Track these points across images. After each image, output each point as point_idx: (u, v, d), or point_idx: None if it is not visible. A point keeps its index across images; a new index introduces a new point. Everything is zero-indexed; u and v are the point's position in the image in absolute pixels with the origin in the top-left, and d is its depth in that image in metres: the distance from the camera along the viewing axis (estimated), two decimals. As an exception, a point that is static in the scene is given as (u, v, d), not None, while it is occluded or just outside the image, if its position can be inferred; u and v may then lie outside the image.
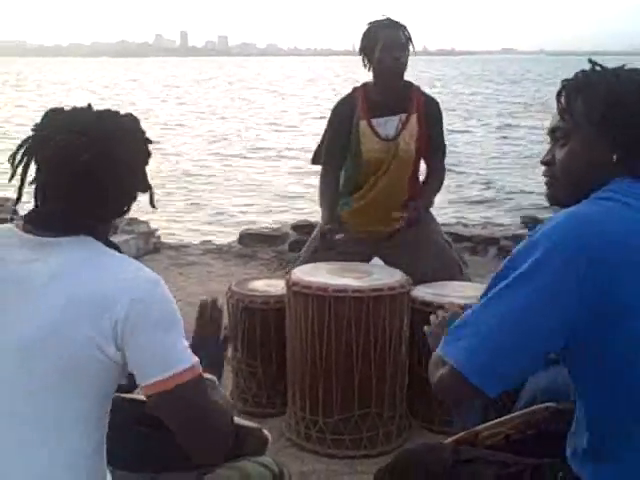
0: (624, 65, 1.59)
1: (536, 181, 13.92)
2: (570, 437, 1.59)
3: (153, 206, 1.62)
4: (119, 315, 1.40)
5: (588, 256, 1.38)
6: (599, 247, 1.38)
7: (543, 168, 1.64)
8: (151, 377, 1.42)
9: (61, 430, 1.43)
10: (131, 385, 1.54)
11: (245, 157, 18.52)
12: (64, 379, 1.41)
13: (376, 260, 3.73)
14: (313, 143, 4.03)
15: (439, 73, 59.09)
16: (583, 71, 1.58)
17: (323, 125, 3.85)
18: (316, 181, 3.89)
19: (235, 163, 17.35)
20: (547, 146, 1.65)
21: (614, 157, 1.50)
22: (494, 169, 16.32)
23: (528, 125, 24.33)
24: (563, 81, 1.60)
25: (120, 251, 1.55)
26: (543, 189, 1.65)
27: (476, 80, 58.39)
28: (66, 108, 1.56)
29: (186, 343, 1.48)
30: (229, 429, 1.57)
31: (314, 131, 19.87)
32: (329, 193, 3.79)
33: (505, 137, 22.26)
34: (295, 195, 12.90)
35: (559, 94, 1.59)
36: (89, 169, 1.46)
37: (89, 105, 1.57)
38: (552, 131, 1.61)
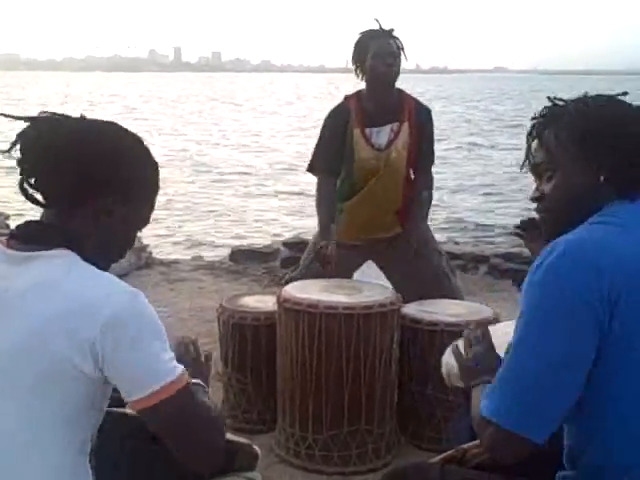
0: (585, 93, 1.62)
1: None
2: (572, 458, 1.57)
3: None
4: (97, 331, 1.38)
5: (601, 281, 1.38)
6: (611, 271, 1.39)
7: (534, 205, 1.65)
8: (137, 393, 1.41)
9: (39, 445, 1.42)
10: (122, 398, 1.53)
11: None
12: (39, 395, 1.41)
13: (369, 264, 3.77)
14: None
15: (422, 90, 59.28)
16: (546, 107, 1.61)
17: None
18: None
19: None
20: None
21: (601, 178, 1.51)
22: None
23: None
24: (532, 119, 1.62)
25: (99, 265, 1.53)
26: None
27: (456, 99, 58.48)
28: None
29: (171, 354, 1.46)
30: (222, 432, 1.56)
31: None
32: (326, 206, 3.78)
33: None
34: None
35: (530, 132, 1.61)
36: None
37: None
38: (534, 167, 1.62)
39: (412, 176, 3.82)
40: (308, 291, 3.18)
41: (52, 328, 1.39)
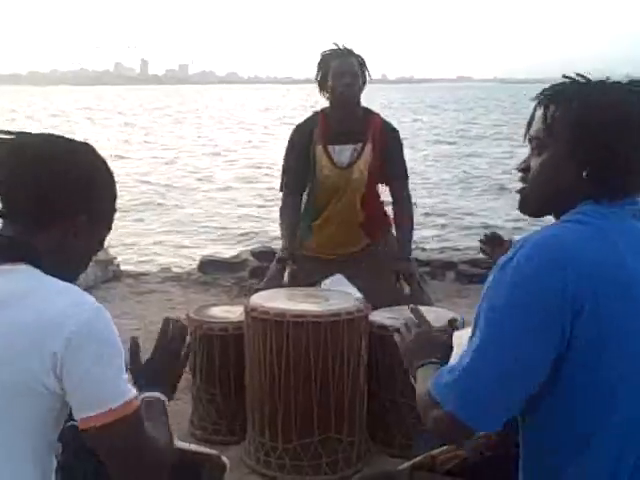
0: (608, 77, 1.54)
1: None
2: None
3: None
4: (59, 346, 1.37)
5: (566, 286, 1.36)
6: (578, 276, 1.36)
7: (519, 174, 1.61)
8: (85, 411, 1.39)
9: (9, 460, 1.40)
10: None
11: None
12: (6, 409, 1.39)
13: (338, 276, 3.79)
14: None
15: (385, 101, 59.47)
16: (564, 82, 1.54)
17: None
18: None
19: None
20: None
21: (584, 174, 1.46)
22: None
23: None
24: (543, 90, 1.56)
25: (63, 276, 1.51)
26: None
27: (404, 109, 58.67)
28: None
29: (125, 376, 1.44)
30: (163, 466, 1.52)
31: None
32: (287, 221, 3.82)
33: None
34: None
35: (538, 101, 1.55)
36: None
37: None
38: (530, 139, 1.57)
39: (376, 194, 3.86)
40: (275, 300, 3.18)
41: (18, 343, 1.37)
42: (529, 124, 1.58)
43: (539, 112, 1.55)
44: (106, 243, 1.69)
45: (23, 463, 1.42)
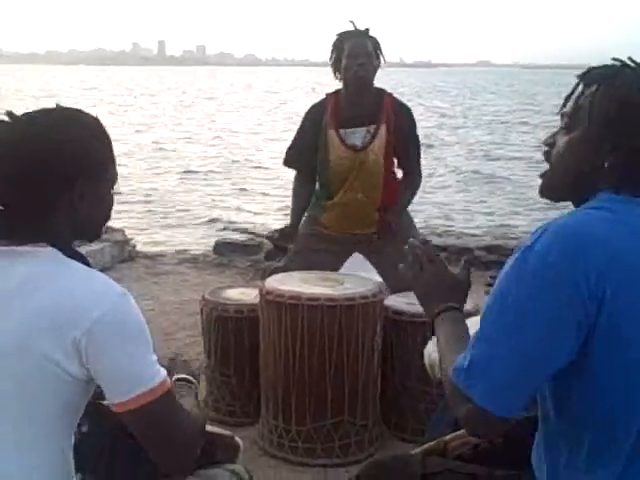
0: None
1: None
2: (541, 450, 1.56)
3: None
4: (83, 331, 1.37)
5: (588, 274, 1.34)
6: (600, 264, 1.34)
7: (544, 148, 1.57)
8: (120, 396, 1.41)
9: (21, 444, 1.42)
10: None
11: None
12: (25, 394, 1.40)
13: (356, 256, 3.78)
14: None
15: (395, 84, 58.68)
16: (614, 64, 1.50)
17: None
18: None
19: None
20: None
21: (606, 164, 1.44)
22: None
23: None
24: (589, 68, 1.53)
25: (87, 261, 1.51)
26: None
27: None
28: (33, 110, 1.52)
29: (154, 357, 1.45)
30: (198, 441, 1.57)
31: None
32: (298, 201, 3.93)
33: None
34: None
35: (582, 77, 1.51)
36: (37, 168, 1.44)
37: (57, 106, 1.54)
38: (562, 115, 1.53)
39: (393, 176, 3.84)
40: (290, 283, 3.18)
41: (38, 327, 1.37)
42: (566, 100, 1.54)
43: (578, 90, 1.51)
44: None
45: (38, 447, 1.43)
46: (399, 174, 3.91)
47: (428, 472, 1.74)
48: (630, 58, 1.51)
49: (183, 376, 1.70)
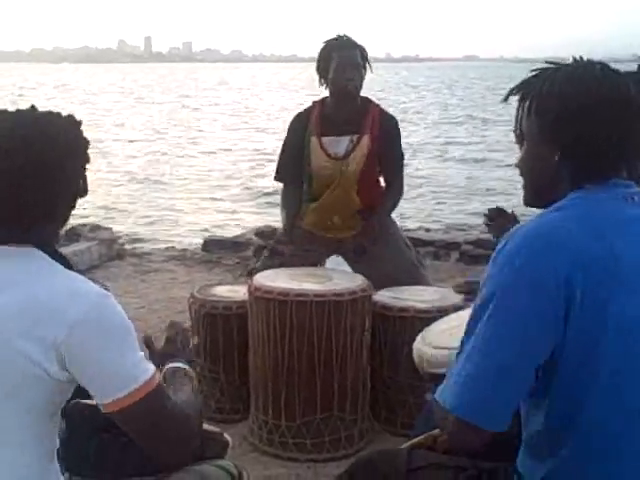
0: (581, 58, 1.55)
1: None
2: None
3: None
4: (63, 333, 1.36)
5: (556, 276, 1.37)
6: (565, 263, 1.38)
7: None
8: (108, 396, 1.40)
9: (9, 446, 1.41)
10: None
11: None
12: (5, 396, 1.39)
13: (333, 258, 3.81)
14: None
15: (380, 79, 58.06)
16: (533, 74, 1.56)
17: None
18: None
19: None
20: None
21: (556, 157, 1.49)
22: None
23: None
24: (516, 84, 1.58)
25: (69, 263, 1.51)
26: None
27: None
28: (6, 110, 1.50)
29: (141, 354, 1.45)
30: (192, 433, 1.56)
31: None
32: (286, 211, 3.90)
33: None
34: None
35: (519, 98, 1.57)
36: (23, 174, 1.41)
37: (32, 107, 1.51)
38: (515, 135, 1.61)
39: (377, 183, 3.86)
40: (279, 280, 3.19)
41: (19, 328, 1.37)
42: (515, 122, 1.61)
43: (519, 109, 1.58)
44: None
45: (21, 446, 1.43)
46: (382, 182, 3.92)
47: (413, 467, 1.75)
48: (548, 61, 1.56)
49: (177, 365, 1.70)
